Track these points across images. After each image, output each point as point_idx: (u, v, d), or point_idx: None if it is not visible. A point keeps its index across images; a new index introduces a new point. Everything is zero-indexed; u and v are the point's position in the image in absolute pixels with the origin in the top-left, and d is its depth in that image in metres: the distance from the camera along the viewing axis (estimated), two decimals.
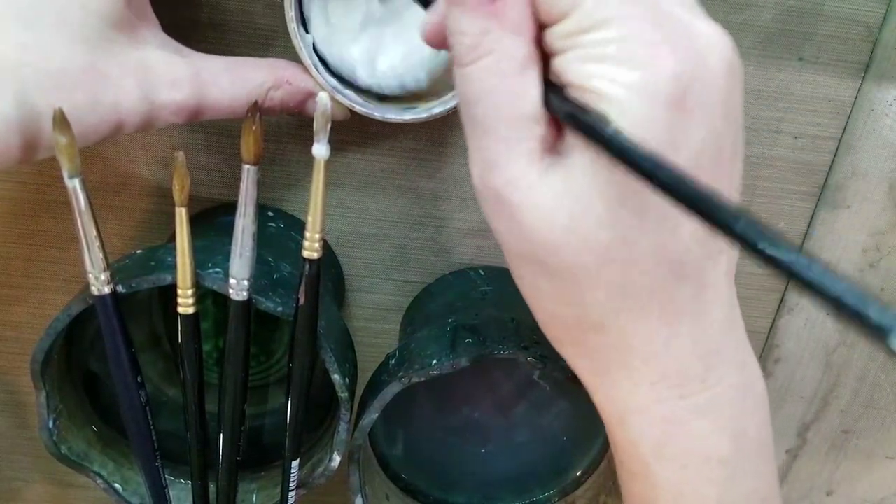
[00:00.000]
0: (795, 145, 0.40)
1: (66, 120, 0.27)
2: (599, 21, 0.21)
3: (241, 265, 0.30)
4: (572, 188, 0.22)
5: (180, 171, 0.29)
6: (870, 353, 0.46)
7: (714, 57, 0.22)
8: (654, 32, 0.21)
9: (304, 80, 0.33)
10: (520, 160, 0.22)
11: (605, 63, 0.21)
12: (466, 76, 0.23)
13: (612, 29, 0.21)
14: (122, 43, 0.29)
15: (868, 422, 0.49)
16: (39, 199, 0.40)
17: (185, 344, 0.32)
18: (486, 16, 0.22)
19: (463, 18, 0.22)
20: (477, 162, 0.23)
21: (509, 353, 0.32)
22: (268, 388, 0.42)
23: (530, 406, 0.42)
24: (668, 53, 0.21)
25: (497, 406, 0.42)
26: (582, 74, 0.21)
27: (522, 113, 0.22)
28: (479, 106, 0.23)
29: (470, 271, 0.43)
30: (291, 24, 0.32)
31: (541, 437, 0.42)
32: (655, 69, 0.21)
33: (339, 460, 0.34)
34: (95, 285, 0.30)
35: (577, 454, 0.41)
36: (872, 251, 0.43)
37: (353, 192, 0.41)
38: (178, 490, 0.37)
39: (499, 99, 0.22)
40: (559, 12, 0.22)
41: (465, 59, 0.22)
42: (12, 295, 0.43)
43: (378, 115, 0.34)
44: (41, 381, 0.33)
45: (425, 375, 0.32)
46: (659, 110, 0.21)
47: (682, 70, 0.21)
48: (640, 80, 0.21)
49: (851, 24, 0.38)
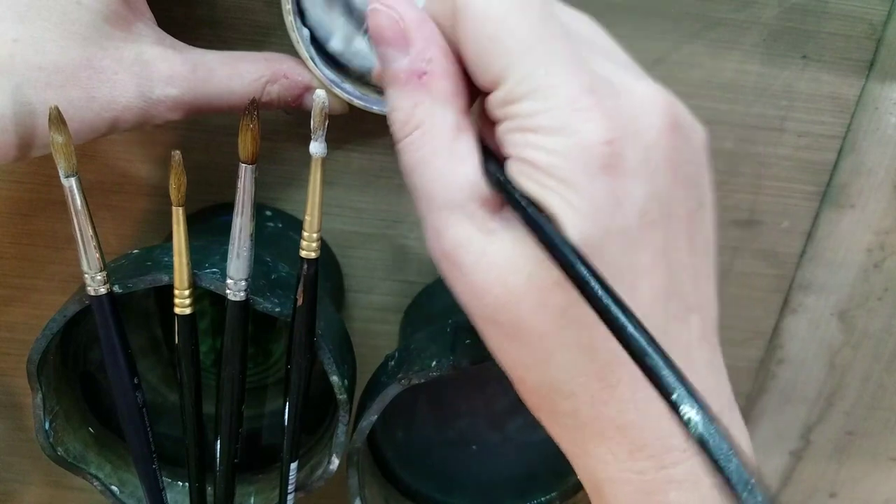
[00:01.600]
0: (799, 144, 0.40)
1: (62, 118, 0.26)
2: (529, 90, 0.21)
3: (238, 265, 0.30)
4: (526, 251, 0.22)
5: (177, 171, 0.29)
6: (874, 354, 0.46)
7: (651, 116, 0.22)
8: (584, 98, 0.21)
9: (301, 74, 0.33)
10: (463, 225, 0.23)
11: (537, 133, 0.21)
12: (403, 148, 0.23)
13: (540, 98, 0.21)
14: (117, 38, 0.29)
15: (872, 423, 0.48)
16: (35, 199, 0.40)
17: (182, 345, 0.31)
18: (415, 90, 0.23)
19: (396, 95, 0.23)
20: (426, 228, 0.24)
21: None
22: (266, 389, 0.42)
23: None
24: (599, 118, 0.21)
25: (497, 408, 0.42)
26: (517, 144, 0.22)
27: (457, 180, 0.23)
28: (416, 175, 0.23)
29: None
30: (288, 17, 0.31)
31: (541, 440, 0.41)
32: (587, 135, 0.21)
33: (337, 463, 0.34)
34: (92, 285, 0.29)
35: None
36: (877, 250, 0.43)
37: (351, 191, 0.41)
38: (175, 492, 0.37)
39: (433, 168, 0.23)
40: (491, 81, 0.22)
41: (400, 133, 0.23)
42: (8, 295, 0.43)
43: (377, 108, 0.33)
44: (37, 382, 0.32)
45: (425, 377, 0.31)
46: (594, 176, 0.21)
47: (613, 134, 0.21)
48: (573, 149, 0.21)
49: (855, 21, 0.37)
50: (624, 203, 0.21)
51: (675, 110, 0.23)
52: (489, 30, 0.22)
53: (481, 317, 0.23)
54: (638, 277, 0.22)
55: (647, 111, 0.22)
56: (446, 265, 0.23)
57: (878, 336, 0.45)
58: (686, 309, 0.23)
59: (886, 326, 0.45)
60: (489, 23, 0.22)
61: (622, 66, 0.23)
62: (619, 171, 0.21)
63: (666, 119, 0.22)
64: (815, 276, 0.44)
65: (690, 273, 0.23)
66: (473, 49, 0.22)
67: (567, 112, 0.21)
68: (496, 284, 0.22)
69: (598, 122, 0.21)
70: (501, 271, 0.22)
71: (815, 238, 0.42)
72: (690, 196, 0.23)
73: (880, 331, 0.45)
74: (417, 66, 0.23)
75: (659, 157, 0.22)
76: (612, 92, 0.22)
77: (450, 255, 0.23)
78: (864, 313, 0.45)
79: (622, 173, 0.21)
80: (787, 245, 0.43)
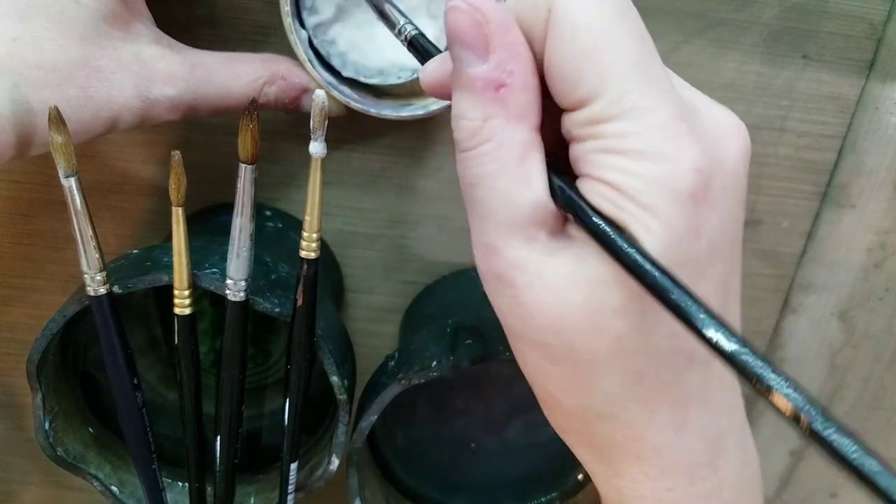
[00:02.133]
0: (799, 143, 0.40)
1: (61, 118, 0.26)
2: (621, 112, 0.20)
3: (238, 265, 0.30)
4: (586, 274, 0.21)
5: (177, 171, 0.29)
6: (875, 354, 0.46)
7: (732, 145, 0.22)
8: (676, 124, 0.20)
9: (298, 76, 0.33)
10: (521, 246, 0.22)
11: (625, 156, 0.20)
12: (466, 159, 0.22)
13: (633, 120, 0.20)
14: (115, 38, 0.29)
15: (873, 423, 0.48)
16: (35, 199, 0.40)
17: (181, 345, 0.31)
18: (491, 102, 0.21)
19: (467, 103, 0.22)
20: (477, 244, 0.23)
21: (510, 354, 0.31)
22: (266, 389, 0.42)
23: (531, 408, 0.41)
24: (690, 146, 0.20)
25: (498, 408, 0.42)
26: (600, 166, 0.21)
27: (521, 200, 0.21)
28: (478, 190, 0.22)
29: (470, 271, 0.42)
30: (287, 19, 0.31)
31: (542, 440, 0.42)
32: (678, 163, 0.20)
33: (337, 463, 0.34)
34: (91, 286, 0.29)
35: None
36: (877, 250, 0.43)
37: (351, 191, 0.41)
38: (175, 493, 0.37)
39: (497, 185, 0.22)
40: (578, 99, 0.21)
41: (466, 143, 0.22)
42: (8, 295, 0.43)
43: (374, 111, 0.33)
44: (37, 382, 0.32)
45: (425, 377, 0.31)
46: (681, 204, 0.20)
47: (703, 162, 0.20)
48: (662, 175, 0.20)
49: (855, 21, 0.37)
50: (702, 233, 0.21)
51: (746, 135, 0.23)
52: (586, 43, 0.20)
53: (527, 338, 0.23)
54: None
55: (728, 138, 0.22)
56: (496, 285, 0.22)
57: (878, 336, 0.45)
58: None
59: (887, 326, 0.45)
60: (588, 36, 0.20)
61: (689, 87, 0.23)
62: (705, 199, 0.21)
63: (742, 145, 0.22)
64: (816, 276, 0.44)
65: (734, 298, 0.24)
66: (564, 62, 0.21)
67: (660, 137, 0.20)
68: (552, 306, 0.21)
69: (690, 150, 0.20)
70: (559, 294, 0.21)
71: (816, 238, 0.42)
72: (743, 221, 0.23)
73: (881, 331, 0.45)
74: (497, 76, 0.21)
75: (735, 185, 0.22)
76: (700, 119, 0.21)
77: (503, 276, 0.22)
78: (865, 313, 0.45)
79: (707, 202, 0.21)
80: (787, 245, 0.43)
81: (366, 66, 0.34)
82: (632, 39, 0.21)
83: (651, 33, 0.22)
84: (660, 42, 0.38)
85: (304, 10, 0.33)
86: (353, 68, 0.34)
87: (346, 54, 0.34)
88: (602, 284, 0.21)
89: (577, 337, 0.22)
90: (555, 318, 0.21)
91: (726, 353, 0.19)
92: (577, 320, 0.21)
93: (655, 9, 0.37)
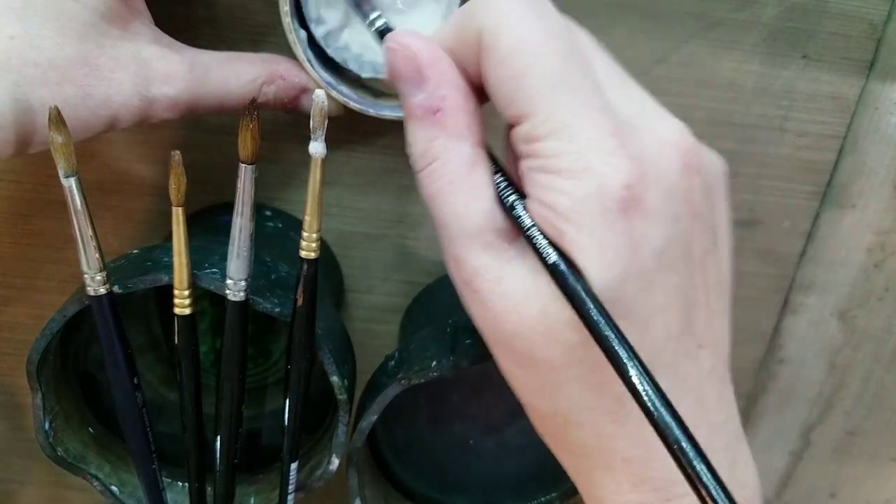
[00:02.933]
0: (799, 143, 0.40)
1: (61, 118, 0.26)
2: (552, 130, 0.21)
3: (238, 265, 0.30)
4: (540, 286, 0.22)
5: (177, 171, 0.29)
6: (874, 354, 0.46)
7: (671, 158, 0.22)
8: (607, 141, 0.21)
9: (297, 76, 0.33)
10: (480, 253, 0.23)
11: (559, 175, 0.21)
12: (421, 179, 0.24)
13: (563, 139, 0.21)
14: (114, 36, 0.29)
15: (872, 423, 0.48)
16: (35, 199, 0.40)
17: (181, 345, 0.31)
18: (430, 125, 0.23)
19: (413, 128, 0.24)
20: (446, 256, 0.24)
21: None
22: (266, 389, 0.42)
23: None
24: (620, 162, 0.21)
25: (498, 408, 0.42)
26: (538, 185, 0.22)
27: (473, 211, 0.23)
28: (434, 206, 0.24)
29: None
30: (286, 19, 0.31)
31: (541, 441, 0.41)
32: (606, 178, 0.21)
33: (337, 463, 0.34)
34: (91, 285, 0.29)
35: None
36: (877, 250, 0.43)
37: (351, 190, 0.41)
38: (175, 493, 0.37)
39: (449, 200, 0.23)
40: (515, 115, 0.22)
41: (418, 165, 0.24)
42: (8, 295, 0.43)
43: (373, 111, 0.34)
44: (37, 382, 0.32)
45: (425, 377, 0.31)
46: (612, 221, 0.21)
47: (634, 177, 0.21)
48: (592, 193, 0.21)
49: (855, 21, 0.37)
50: (642, 246, 0.21)
51: (695, 150, 0.23)
52: (514, 67, 0.22)
53: (496, 342, 0.24)
54: (651, 316, 0.22)
55: (667, 153, 0.22)
56: (466, 292, 0.24)
57: (878, 336, 0.45)
58: (697, 345, 0.23)
59: (887, 326, 0.45)
60: (514, 60, 0.22)
61: (638, 100, 0.23)
62: (638, 214, 0.21)
63: (685, 160, 0.22)
64: (816, 276, 0.44)
65: (703, 310, 0.24)
66: (497, 84, 0.22)
67: (589, 155, 0.21)
68: (511, 313, 0.22)
69: (619, 166, 0.21)
70: (517, 301, 0.22)
71: (816, 238, 0.42)
72: (707, 235, 0.23)
73: (881, 331, 0.45)
74: (432, 102, 0.23)
75: (678, 199, 0.22)
76: (633, 133, 0.22)
77: (469, 283, 0.23)
78: (865, 313, 0.45)
79: (642, 216, 0.21)
80: (787, 245, 0.43)
81: (382, 63, 0.34)
82: (557, 58, 0.22)
83: (651, 33, 0.22)
84: (660, 42, 0.38)
85: (311, 23, 0.33)
86: (371, 67, 0.34)
87: (362, 56, 0.34)
88: (554, 298, 0.22)
89: (534, 345, 0.22)
90: (515, 325, 0.22)
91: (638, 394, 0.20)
92: (534, 329, 0.22)
93: (655, 9, 0.37)
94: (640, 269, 0.21)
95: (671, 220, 0.22)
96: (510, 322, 0.22)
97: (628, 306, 0.21)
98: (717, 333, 0.24)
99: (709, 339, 0.24)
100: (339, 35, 0.34)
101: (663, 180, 0.22)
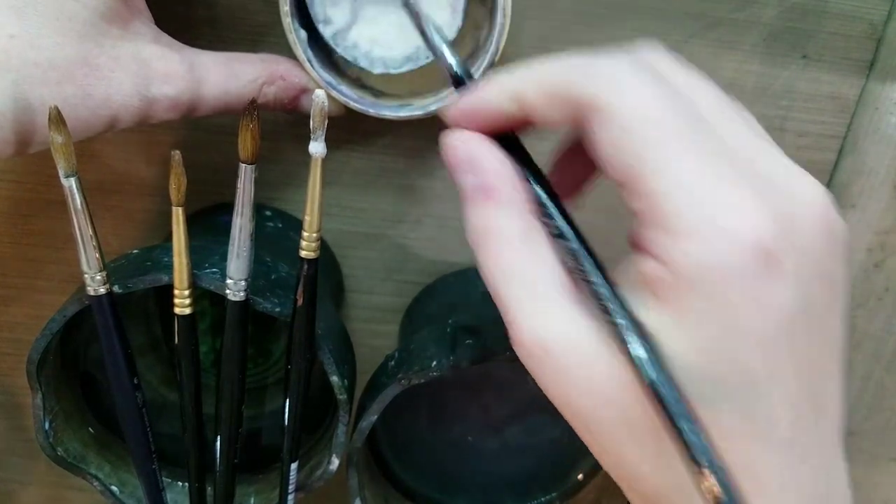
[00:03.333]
0: (799, 143, 0.40)
1: (61, 118, 0.26)
2: (680, 187, 0.21)
3: (238, 265, 0.30)
4: (608, 358, 0.22)
5: (177, 171, 0.29)
6: (874, 354, 0.46)
7: (811, 219, 0.21)
8: (745, 200, 0.20)
9: (297, 76, 0.33)
10: (546, 312, 0.23)
11: (676, 235, 0.20)
12: (481, 259, 0.24)
13: (695, 197, 0.20)
14: (114, 36, 0.29)
15: (872, 423, 0.48)
16: (35, 199, 0.40)
17: (181, 345, 0.31)
18: (485, 204, 0.24)
19: (470, 210, 0.24)
20: (510, 325, 0.24)
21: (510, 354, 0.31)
22: (266, 389, 0.42)
23: (531, 408, 0.41)
24: (759, 219, 0.20)
25: (498, 408, 0.42)
26: (650, 241, 0.21)
27: (536, 276, 0.23)
28: (497, 282, 0.24)
29: (470, 271, 0.42)
30: (286, 19, 0.31)
31: (542, 440, 0.42)
32: (744, 237, 0.20)
33: (337, 463, 0.34)
34: (91, 285, 0.29)
35: (578, 457, 0.41)
36: (877, 250, 0.43)
37: (351, 190, 0.41)
38: (175, 493, 0.37)
39: (512, 272, 0.23)
40: (636, 175, 0.21)
41: (476, 244, 0.24)
42: (8, 295, 0.43)
43: (373, 111, 0.34)
44: (37, 382, 0.32)
45: (425, 377, 0.31)
46: (745, 281, 0.20)
47: (771, 235, 0.20)
48: (724, 250, 0.20)
49: (855, 21, 0.37)
50: (769, 309, 0.20)
51: (832, 214, 0.22)
52: (638, 132, 0.21)
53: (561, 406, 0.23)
54: (772, 385, 0.21)
55: (809, 214, 0.21)
56: (528, 353, 0.23)
57: (878, 336, 0.45)
58: (815, 411, 0.22)
59: (887, 326, 0.45)
60: (638, 126, 0.21)
61: (773, 157, 0.23)
62: (771, 276, 0.20)
63: (827, 224, 0.22)
64: None
65: (821, 375, 0.23)
66: (616, 151, 0.22)
67: (722, 211, 0.20)
68: (578, 369, 0.22)
69: (758, 225, 0.20)
70: (583, 359, 0.22)
71: None
72: (830, 299, 0.22)
73: (880, 331, 0.45)
74: (485, 184, 0.24)
75: (812, 264, 0.21)
76: (772, 192, 0.21)
77: (534, 343, 0.23)
78: (865, 313, 0.45)
79: (775, 278, 0.20)
80: None
81: (393, 57, 0.34)
82: (681, 120, 0.21)
83: (651, 33, 0.22)
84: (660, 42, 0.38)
85: (319, 24, 0.33)
86: (382, 63, 0.34)
87: (371, 52, 0.34)
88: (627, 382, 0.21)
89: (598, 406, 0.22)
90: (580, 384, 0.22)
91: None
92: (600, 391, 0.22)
93: (655, 9, 0.37)
94: (763, 334, 0.20)
95: (804, 285, 0.21)
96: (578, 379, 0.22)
97: (746, 372, 0.21)
98: (831, 397, 0.23)
99: (824, 403, 0.23)
100: (346, 34, 0.34)
101: (803, 242, 0.21)
